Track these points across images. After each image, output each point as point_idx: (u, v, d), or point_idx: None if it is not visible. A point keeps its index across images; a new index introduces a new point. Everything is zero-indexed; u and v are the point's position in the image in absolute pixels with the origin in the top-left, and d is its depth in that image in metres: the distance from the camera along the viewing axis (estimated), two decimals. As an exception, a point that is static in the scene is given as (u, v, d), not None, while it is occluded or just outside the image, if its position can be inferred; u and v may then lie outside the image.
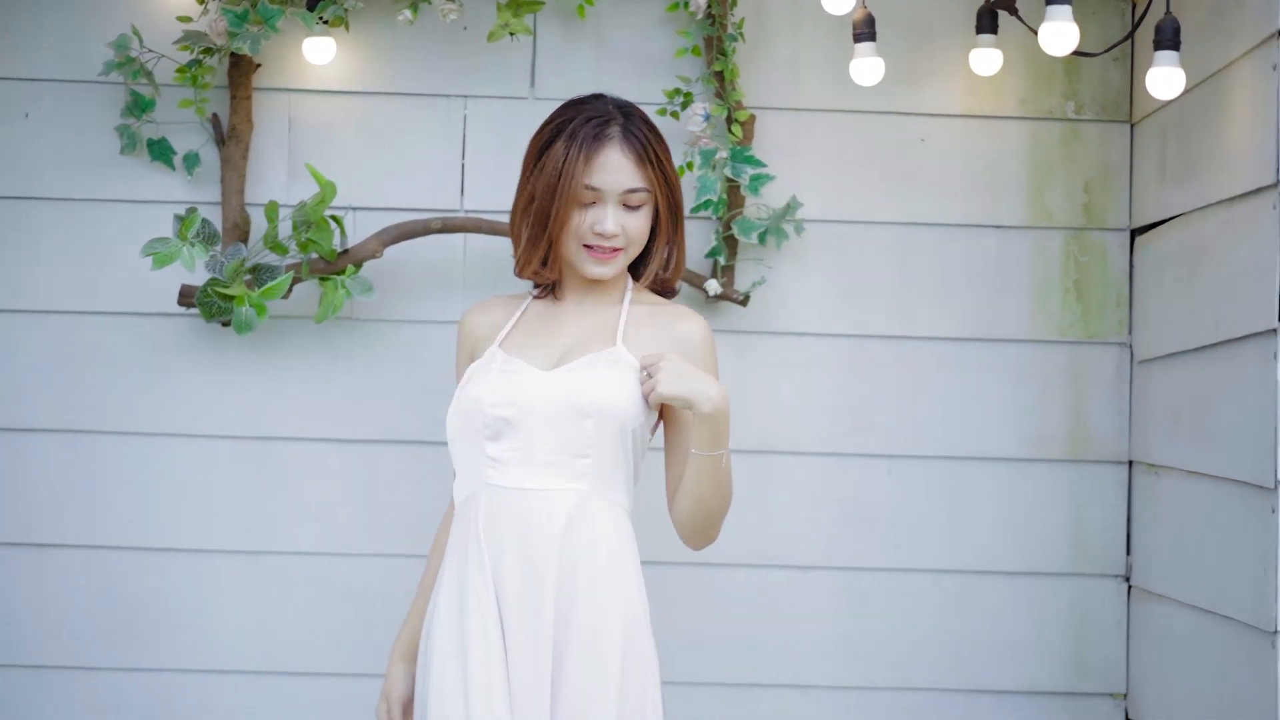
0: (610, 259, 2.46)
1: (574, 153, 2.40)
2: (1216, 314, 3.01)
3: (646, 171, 2.44)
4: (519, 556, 2.47)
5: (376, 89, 3.54)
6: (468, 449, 2.51)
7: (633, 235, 2.45)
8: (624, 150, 2.43)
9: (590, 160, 2.41)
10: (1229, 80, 2.99)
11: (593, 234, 2.44)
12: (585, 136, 2.42)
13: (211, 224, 3.22)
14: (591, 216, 2.43)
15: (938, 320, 3.57)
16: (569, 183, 2.40)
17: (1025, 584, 3.58)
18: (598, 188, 2.41)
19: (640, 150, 2.44)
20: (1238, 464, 2.91)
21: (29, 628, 3.52)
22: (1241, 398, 2.90)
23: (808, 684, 3.57)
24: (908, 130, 3.58)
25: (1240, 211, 2.92)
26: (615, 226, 2.42)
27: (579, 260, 2.47)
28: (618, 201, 2.43)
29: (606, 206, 2.43)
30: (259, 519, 3.55)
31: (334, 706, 3.53)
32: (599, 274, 2.48)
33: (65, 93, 3.53)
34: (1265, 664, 2.77)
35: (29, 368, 3.52)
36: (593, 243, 2.44)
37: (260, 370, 3.53)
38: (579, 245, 2.45)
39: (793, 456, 3.57)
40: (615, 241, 2.45)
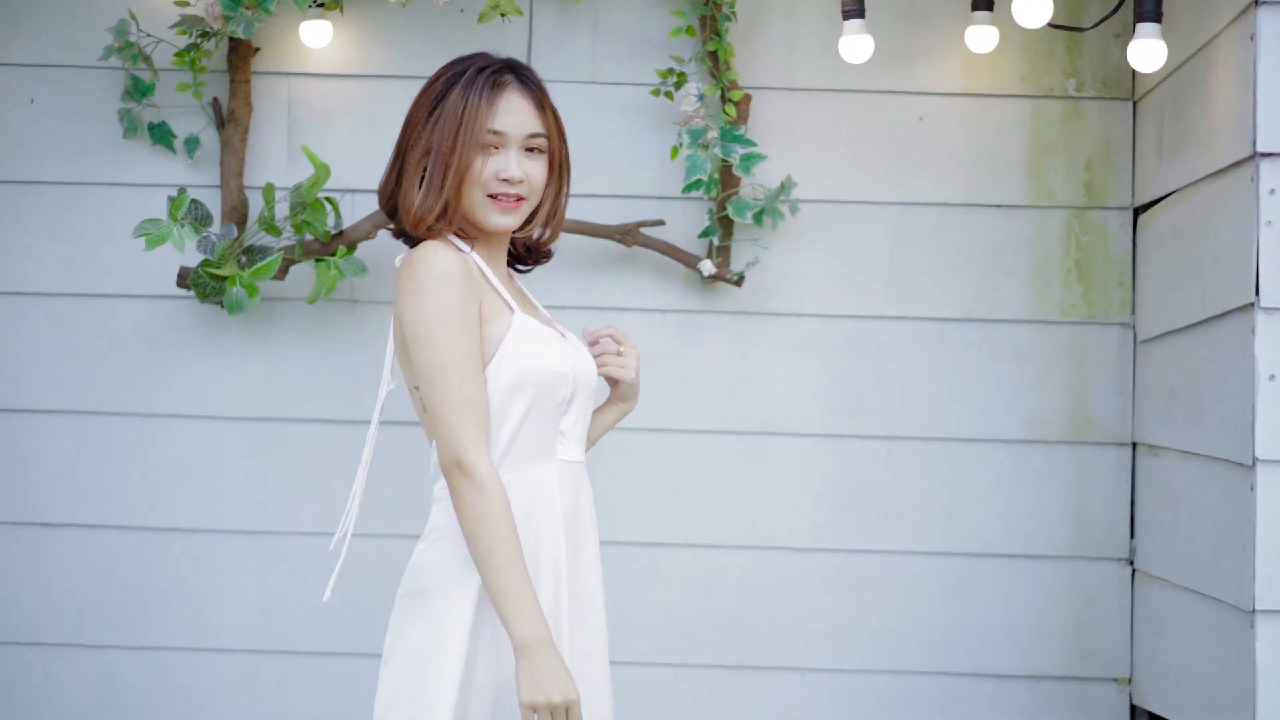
0: (515, 208, 2.46)
1: (474, 98, 2.41)
2: (1203, 290, 3.08)
3: (546, 117, 2.49)
4: (586, 533, 2.53)
5: (373, 72, 3.67)
6: (542, 421, 2.49)
7: (534, 183, 2.48)
8: (524, 95, 2.46)
9: (493, 104, 2.42)
10: (1215, 52, 3.07)
11: (497, 181, 2.43)
12: (483, 83, 2.43)
13: (203, 205, 3.36)
14: (494, 164, 2.43)
15: (936, 301, 3.65)
16: (472, 127, 2.40)
17: (1026, 567, 3.66)
18: (501, 131, 2.43)
19: (538, 96, 2.49)
20: (1220, 442, 2.97)
21: (34, 606, 3.68)
22: (1224, 374, 2.96)
23: (805, 667, 3.67)
24: (905, 109, 3.67)
25: (1223, 186, 3.00)
26: (519, 172, 2.44)
27: (483, 211, 2.45)
28: (520, 147, 2.46)
29: (509, 153, 2.44)
30: (260, 499, 3.69)
31: (335, 685, 3.68)
32: (503, 224, 2.46)
33: (68, 78, 3.69)
34: (1245, 644, 2.82)
35: (33, 350, 3.69)
36: (497, 190, 2.44)
37: (261, 351, 3.67)
38: (483, 195, 2.44)
39: (789, 438, 3.66)
40: (520, 189, 2.45)
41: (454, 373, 2.34)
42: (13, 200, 3.69)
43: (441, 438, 2.33)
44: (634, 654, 3.63)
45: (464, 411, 2.34)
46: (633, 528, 3.65)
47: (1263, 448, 2.80)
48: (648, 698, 3.65)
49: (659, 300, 3.67)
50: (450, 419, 2.32)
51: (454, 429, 2.32)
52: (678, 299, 3.66)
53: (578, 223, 3.56)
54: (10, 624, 3.68)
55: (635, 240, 3.58)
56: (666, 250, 3.59)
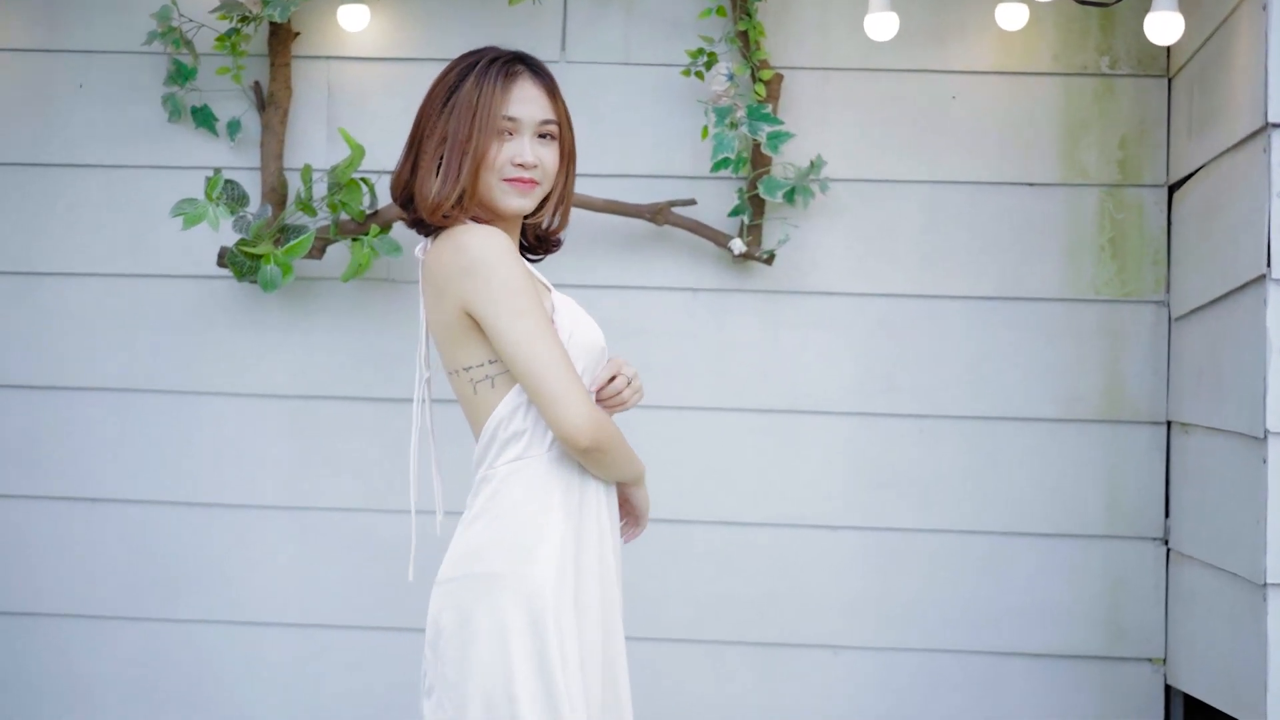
0: (529, 190, 2.63)
1: (488, 87, 2.58)
2: (1224, 265, 3.16)
3: (557, 106, 2.66)
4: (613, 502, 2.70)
5: (409, 55, 3.82)
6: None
7: (547, 168, 2.65)
8: (536, 84, 2.64)
9: (507, 92, 2.59)
10: (1235, 24, 3.16)
11: (512, 166, 2.60)
12: (496, 73, 2.60)
13: (239, 185, 3.53)
14: (509, 150, 2.60)
15: (968, 279, 3.75)
16: (487, 114, 2.57)
17: (1059, 546, 3.75)
18: (516, 118, 2.60)
19: (549, 85, 2.66)
20: (1237, 416, 3.04)
21: (79, 579, 3.89)
22: (1241, 348, 3.03)
23: (836, 644, 3.78)
24: (938, 88, 3.77)
25: (1241, 159, 3.08)
26: (533, 157, 2.61)
27: (500, 195, 2.61)
28: (533, 134, 2.62)
29: (523, 138, 2.61)
30: (298, 475, 3.87)
31: (372, 658, 3.85)
32: (520, 206, 2.62)
33: (115, 64, 3.89)
34: (1257, 618, 2.88)
35: (81, 328, 3.89)
36: (512, 175, 2.60)
37: (299, 330, 3.83)
38: (498, 180, 2.60)
39: (821, 416, 3.77)
40: (534, 173, 2.63)
41: (549, 336, 2.49)
42: (63, 182, 3.90)
43: (559, 403, 2.46)
44: (666, 630, 3.78)
45: (569, 373, 2.49)
46: (665, 505, 3.75)
47: (1274, 420, 2.89)
48: (679, 674, 3.79)
49: (690, 279, 3.79)
50: (560, 384, 2.46)
51: (569, 394, 2.47)
52: (709, 278, 3.79)
53: (610, 202, 3.70)
54: (56, 596, 3.89)
55: (666, 219, 3.70)
56: (697, 229, 3.71)
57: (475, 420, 2.60)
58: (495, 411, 2.55)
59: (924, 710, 3.76)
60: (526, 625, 2.50)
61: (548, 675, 2.49)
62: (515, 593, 2.51)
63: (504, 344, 2.48)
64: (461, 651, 2.52)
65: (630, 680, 2.71)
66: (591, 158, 3.75)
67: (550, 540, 2.54)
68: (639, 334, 3.77)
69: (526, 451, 2.57)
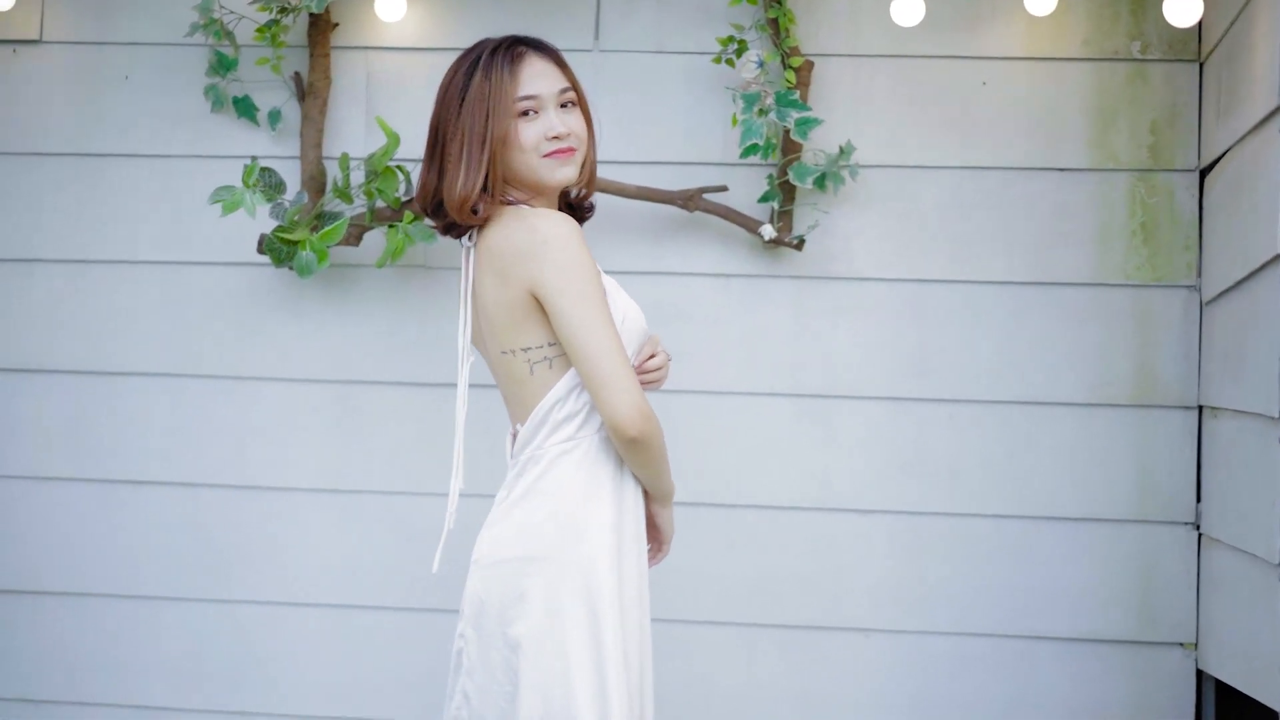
0: (570, 157, 2.74)
1: (496, 75, 2.69)
2: (1246, 247, 3.22)
3: (567, 73, 2.78)
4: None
5: (446, 45, 3.94)
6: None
7: (579, 133, 2.77)
8: (543, 58, 2.76)
9: (516, 75, 2.71)
10: (1256, 5, 3.22)
11: (547, 141, 2.72)
12: (502, 60, 2.71)
13: (276, 173, 3.67)
14: (539, 126, 2.71)
15: (999, 264, 3.83)
16: (499, 100, 2.68)
17: (1090, 531, 3.82)
18: (535, 94, 2.71)
19: (555, 56, 2.79)
20: (1255, 397, 3.10)
21: (127, 560, 4.07)
22: (1260, 330, 3.09)
23: (868, 628, 3.86)
24: (968, 74, 3.85)
25: (1259, 140, 3.15)
26: (564, 127, 2.73)
27: (546, 171, 2.72)
28: (556, 104, 2.73)
29: (548, 112, 2.72)
30: (338, 459, 4.01)
31: (410, 639, 4.00)
32: (567, 175, 2.74)
33: (160, 55, 4.06)
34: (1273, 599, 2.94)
35: (127, 315, 4.07)
36: (549, 150, 2.72)
37: (338, 316, 3.97)
38: (538, 158, 2.71)
39: (852, 401, 3.86)
40: (570, 141, 2.74)
41: (610, 323, 2.61)
42: (110, 172, 4.06)
43: (612, 389, 2.56)
44: (700, 613, 3.89)
45: (625, 361, 2.60)
46: (698, 489, 3.88)
47: (1289, 400, 2.95)
48: (711, 656, 3.90)
49: (723, 265, 3.90)
50: (617, 371, 2.57)
51: (623, 382, 2.57)
52: (741, 263, 3.89)
53: (642, 189, 3.81)
54: (103, 577, 4.07)
55: (697, 205, 3.80)
56: (728, 215, 3.82)
57: (525, 401, 2.70)
58: (550, 393, 2.67)
59: (954, 693, 3.85)
60: (582, 603, 2.61)
61: (601, 653, 2.61)
62: (570, 572, 2.63)
63: (567, 327, 2.58)
64: (513, 629, 2.62)
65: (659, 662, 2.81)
66: (623, 145, 3.88)
67: (601, 521, 2.67)
68: (672, 319, 3.88)
69: (579, 433, 2.69)
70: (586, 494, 2.67)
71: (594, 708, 2.57)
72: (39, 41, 4.08)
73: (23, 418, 4.07)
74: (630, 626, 2.67)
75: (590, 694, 2.58)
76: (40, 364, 4.06)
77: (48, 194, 4.07)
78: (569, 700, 2.58)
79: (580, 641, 2.60)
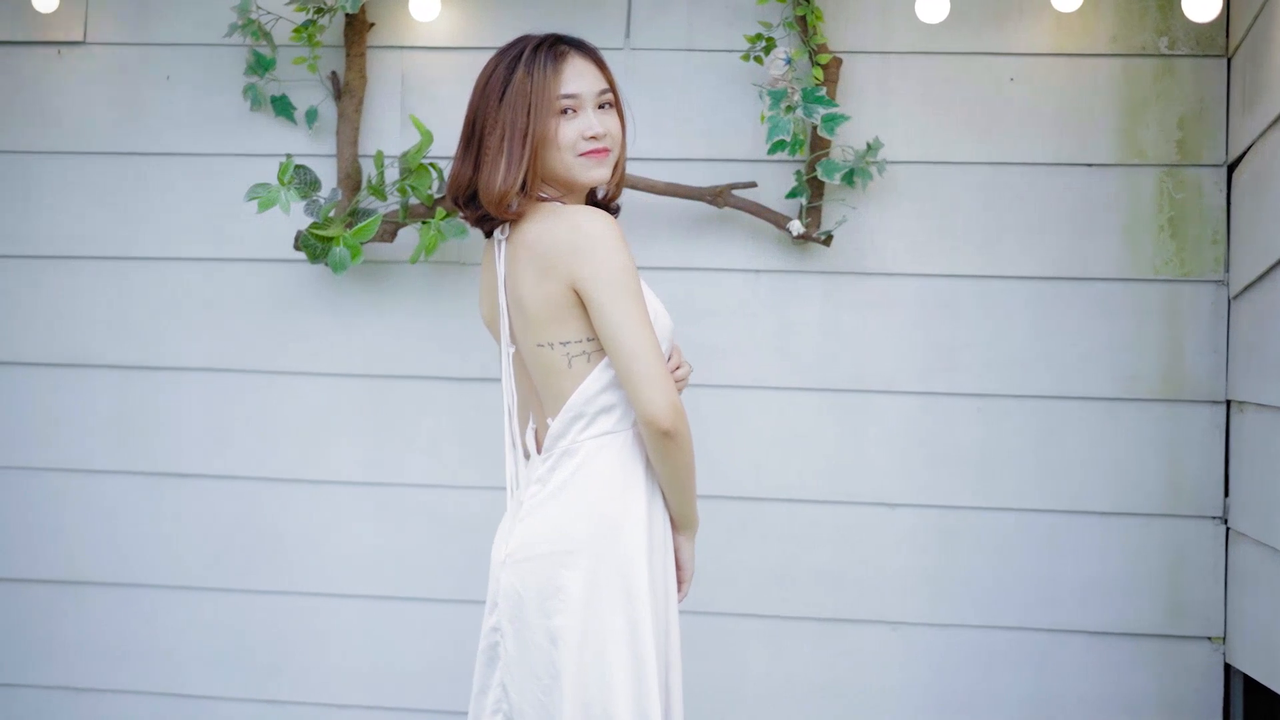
0: (605, 158, 2.82)
1: (539, 72, 2.77)
2: (1271, 241, 3.25)
3: (606, 74, 2.84)
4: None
5: (479, 44, 4.04)
6: None
7: (615, 135, 2.84)
8: (584, 57, 2.83)
9: (559, 72, 2.78)
10: (1277, 0, 3.24)
11: (584, 140, 2.79)
12: (545, 57, 2.79)
13: (311, 170, 3.78)
14: (577, 126, 2.79)
15: (1027, 259, 3.89)
16: (542, 97, 2.75)
17: (1118, 525, 3.87)
18: (575, 94, 2.79)
19: (596, 57, 2.85)
20: (1276, 390, 3.13)
21: (168, 551, 4.19)
22: (1279, 321, 3.13)
23: (897, 621, 3.93)
24: (996, 70, 3.92)
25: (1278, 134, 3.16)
26: (601, 127, 2.80)
27: (580, 169, 2.80)
28: (594, 105, 2.80)
29: (586, 112, 2.80)
30: (375, 452, 4.12)
31: (444, 630, 4.10)
32: (600, 175, 2.82)
33: (199, 55, 4.18)
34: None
35: (167, 311, 4.18)
36: (585, 149, 2.80)
37: (374, 312, 4.08)
38: (574, 156, 2.79)
39: (881, 395, 3.93)
40: (605, 142, 2.81)
41: (648, 320, 2.69)
42: (152, 170, 4.19)
43: (648, 384, 2.64)
44: (729, 605, 3.97)
45: (661, 357, 2.68)
46: (728, 482, 3.96)
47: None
48: (740, 649, 3.97)
49: (752, 260, 3.97)
50: (654, 367, 2.65)
51: (660, 378, 2.65)
52: (770, 259, 3.96)
53: (671, 185, 3.90)
54: (145, 568, 4.19)
55: (726, 201, 3.88)
56: (757, 211, 3.89)
57: (559, 394, 2.76)
58: (585, 386, 2.73)
59: (982, 686, 3.92)
60: (620, 598, 2.69)
61: (638, 648, 2.68)
62: (608, 566, 2.70)
63: (607, 322, 2.65)
64: (554, 621, 2.69)
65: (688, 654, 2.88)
66: (654, 142, 3.97)
67: (637, 514, 2.74)
68: (703, 314, 3.97)
69: (616, 426, 2.76)
70: (622, 489, 2.74)
71: (632, 703, 2.65)
72: (83, 43, 4.21)
73: (68, 412, 4.20)
74: (660, 621, 2.75)
75: (628, 689, 2.66)
76: (84, 359, 4.19)
77: (91, 192, 4.20)
78: (607, 695, 2.65)
79: (618, 636, 2.67)
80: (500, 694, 2.76)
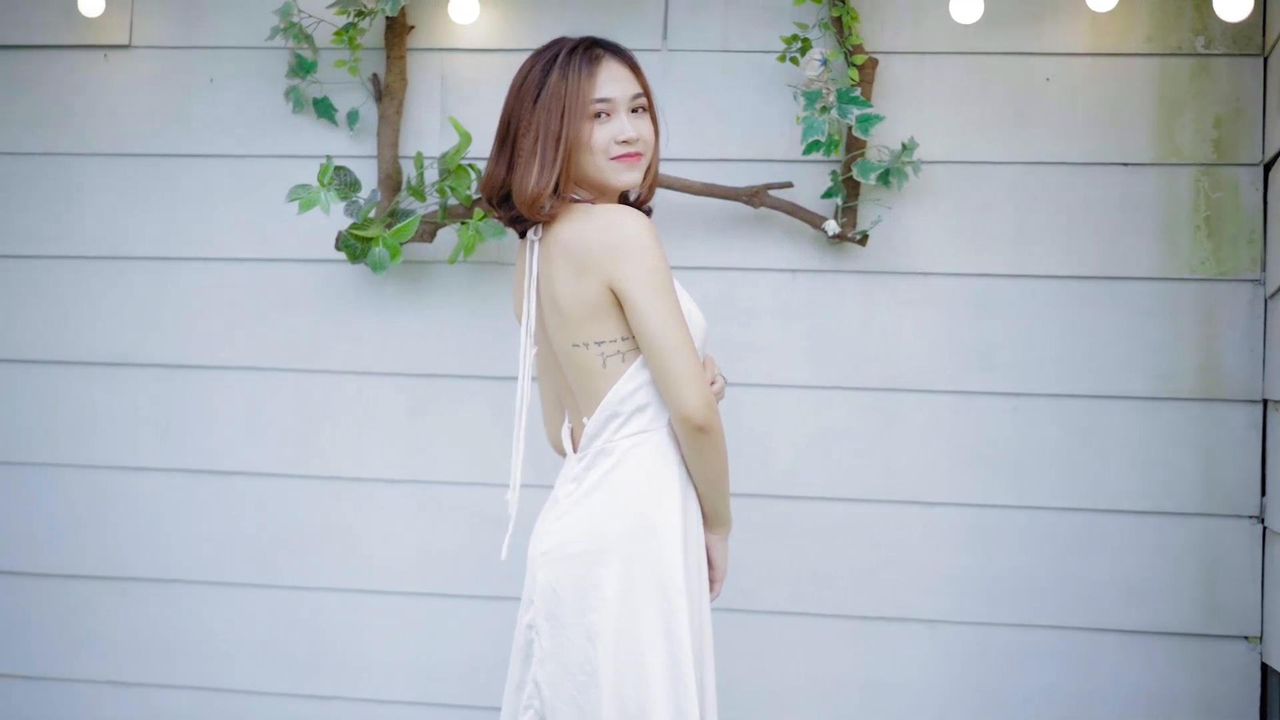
0: (637, 162, 2.86)
1: (573, 75, 2.81)
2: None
3: (640, 79, 2.88)
4: None
5: (517, 46, 4.10)
6: None
7: (647, 139, 2.88)
8: (619, 62, 2.88)
9: (593, 76, 2.82)
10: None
11: (616, 144, 2.84)
12: (580, 60, 2.83)
13: (351, 172, 3.85)
14: (610, 129, 2.83)
15: (1062, 259, 3.92)
16: (576, 101, 2.80)
17: (1154, 524, 3.89)
18: (609, 98, 2.83)
19: (631, 61, 2.89)
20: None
21: (213, 548, 4.27)
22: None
23: (932, 619, 3.96)
24: (1032, 70, 3.94)
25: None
26: (634, 131, 2.84)
27: (612, 173, 2.84)
28: (627, 109, 2.85)
29: (620, 116, 2.84)
30: (414, 450, 4.19)
31: (484, 626, 4.16)
32: (631, 179, 2.87)
33: (242, 58, 4.27)
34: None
35: (211, 311, 4.26)
36: (618, 153, 2.84)
37: (414, 311, 4.15)
38: (606, 160, 2.84)
39: (917, 394, 3.96)
40: (638, 146, 2.85)
41: (682, 318, 2.74)
42: (195, 172, 4.27)
43: (684, 382, 2.70)
44: (765, 604, 4.01)
45: (695, 355, 2.75)
46: (765, 481, 4.00)
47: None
48: (779, 647, 4.02)
49: (788, 260, 4.02)
50: (689, 366, 2.71)
51: (695, 375, 2.71)
52: (806, 259, 4.00)
53: (708, 185, 3.94)
54: (190, 564, 4.27)
55: (762, 202, 3.92)
56: (793, 211, 3.93)
57: (594, 393, 2.81)
58: (619, 386, 2.78)
59: (1019, 685, 3.95)
60: (655, 595, 2.73)
61: (674, 644, 2.73)
62: (644, 564, 2.75)
63: (644, 321, 2.70)
64: (591, 618, 2.74)
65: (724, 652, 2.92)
66: (690, 142, 4.02)
67: (672, 512, 2.79)
68: (739, 314, 4.02)
69: (651, 425, 2.80)
70: (657, 488, 2.79)
71: (668, 700, 2.69)
72: (128, 46, 4.30)
73: (113, 410, 4.28)
74: (695, 618, 2.80)
75: (665, 686, 2.70)
76: (129, 358, 4.28)
77: (136, 194, 4.28)
78: (644, 692, 2.70)
79: (654, 633, 2.72)
80: (533, 690, 2.81)
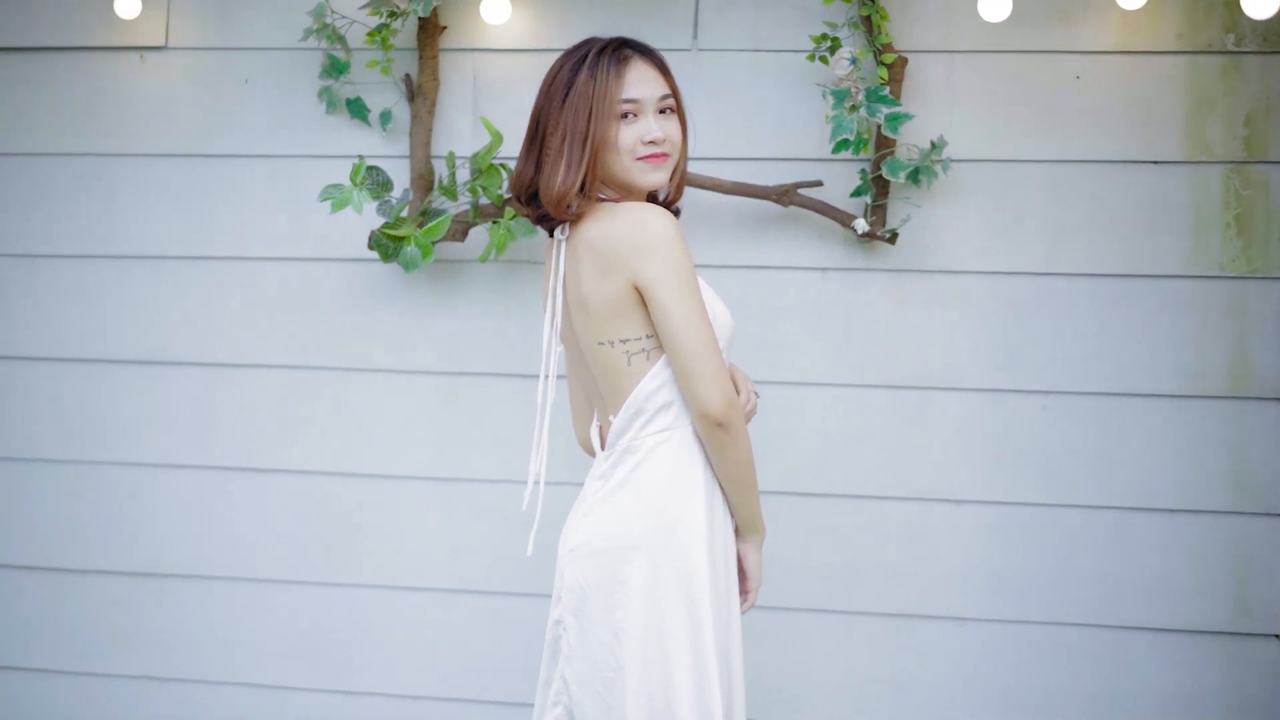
0: (663, 163, 2.89)
1: (602, 75, 2.84)
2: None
3: (669, 80, 2.91)
4: None
5: (549, 46, 4.14)
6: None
7: (674, 140, 2.91)
8: (648, 63, 2.90)
9: (621, 76, 2.85)
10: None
11: (643, 145, 2.86)
12: (608, 60, 2.86)
13: (383, 171, 3.90)
14: (637, 130, 2.86)
15: (1092, 257, 3.94)
16: (604, 101, 2.82)
17: (1183, 522, 3.90)
18: (637, 98, 2.85)
19: (659, 62, 2.92)
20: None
21: (246, 545, 4.33)
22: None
23: (963, 617, 3.98)
24: (1062, 68, 3.96)
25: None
26: (661, 132, 2.87)
27: (638, 173, 2.87)
28: (655, 110, 2.88)
29: (647, 117, 2.87)
30: (447, 447, 4.24)
31: (516, 622, 4.21)
32: (657, 180, 2.89)
33: (276, 59, 4.33)
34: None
35: (245, 309, 4.33)
36: (644, 153, 2.87)
37: (446, 310, 4.20)
38: (632, 160, 2.86)
39: (946, 392, 3.98)
40: (664, 147, 2.88)
41: (706, 317, 2.77)
42: (230, 172, 4.33)
43: (706, 380, 2.73)
44: (795, 601, 4.04)
45: (719, 353, 2.77)
46: (795, 478, 4.04)
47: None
48: (807, 643, 4.05)
49: (818, 258, 4.05)
50: (712, 364, 2.74)
51: (717, 374, 2.74)
52: (836, 257, 4.03)
53: (738, 184, 3.98)
54: (223, 560, 4.33)
55: (792, 200, 3.95)
56: (823, 209, 3.96)
57: (619, 391, 2.84)
58: (644, 383, 2.81)
59: (1048, 683, 3.97)
60: (681, 592, 2.76)
61: (699, 641, 2.75)
62: (669, 561, 2.77)
63: (668, 320, 2.72)
64: (617, 614, 2.77)
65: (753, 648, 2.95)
66: (720, 142, 4.05)
67: (698, 509, 2.81)
68: (769, 312, 4.06)
69: (675, 422, 2.83)
70: (683, 485, 2.82)
71: (693, 697, 2.72)
72: (164, 48, 4.36)
73: (151, 408, 4.35)
74: (721, 615, 2.83)
75: (690, 683, 2.73)
76: (166, 356, 4.34)
77: (173, 194, 4.34)
78: (670, 688, 2.73)
79: (679, 630, 2.75)
80: (561, 686, 2.84)
